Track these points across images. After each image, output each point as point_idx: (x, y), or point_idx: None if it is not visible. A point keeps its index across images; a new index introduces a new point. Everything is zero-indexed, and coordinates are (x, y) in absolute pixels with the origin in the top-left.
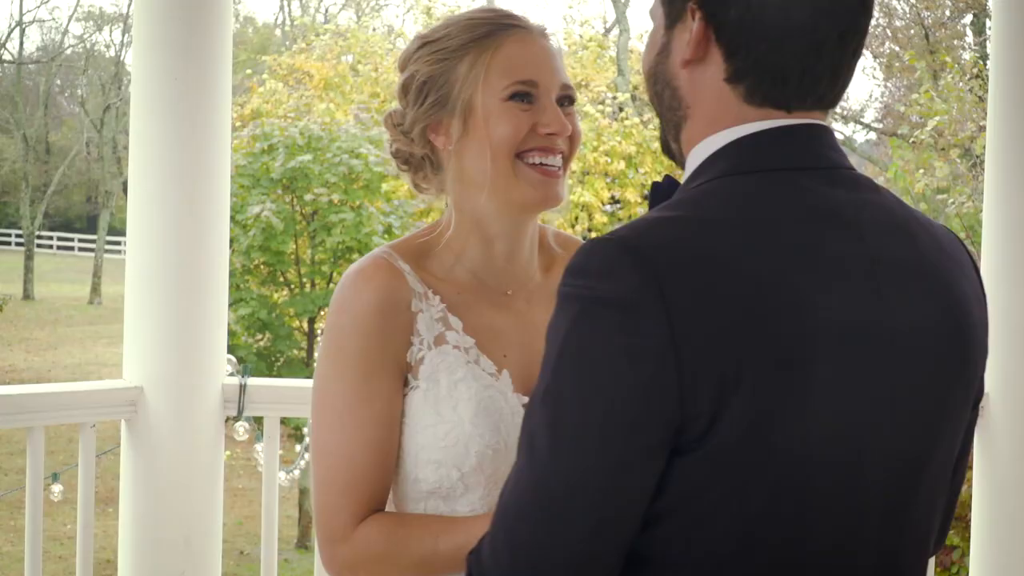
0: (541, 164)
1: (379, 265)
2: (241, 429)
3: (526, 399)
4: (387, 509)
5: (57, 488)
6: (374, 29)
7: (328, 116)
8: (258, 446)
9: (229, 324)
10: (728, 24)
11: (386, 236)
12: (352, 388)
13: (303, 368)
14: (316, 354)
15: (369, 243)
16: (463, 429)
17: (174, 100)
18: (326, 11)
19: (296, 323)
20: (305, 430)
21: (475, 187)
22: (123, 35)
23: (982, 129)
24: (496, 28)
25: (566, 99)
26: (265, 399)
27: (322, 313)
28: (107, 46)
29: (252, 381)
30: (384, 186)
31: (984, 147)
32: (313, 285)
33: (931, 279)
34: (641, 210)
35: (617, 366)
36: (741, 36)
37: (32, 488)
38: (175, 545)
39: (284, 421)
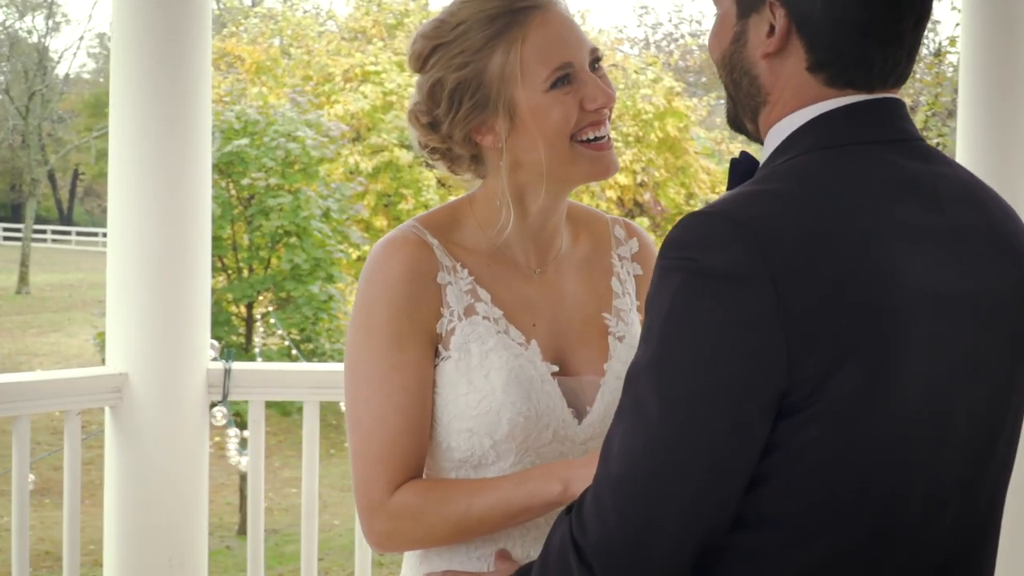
0: (595, 139)
1: (407, 238)
2: (219, 414)
3: (555, 368)
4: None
5: (30, 478)
6: (304, 11)
7: (261, 100)
8: (230, 432)
9: None
10: (811, 19)
11: (324, 220)
12: (383, 358)
13: (242, 354)
14: (255, 340)
15: (307, 227)
16: (495, 397)
17: (154, 87)
18: None
19: (234, 309)
20: None
21: (531, 174)
22: (47, 21)
23: (917, 105)
24: (515, 15)
25: (595, 61)
26: (249, 383)
27: (260, 298)
28: (29, 32)
29: (237, 365)
30: (321, 169)
31: (924, 122)
32: (251, 270)
33: (1005, 245)
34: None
35: (725, 336)
36: (825, 30)
37: (18, 478)
38: (161, 530)
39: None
